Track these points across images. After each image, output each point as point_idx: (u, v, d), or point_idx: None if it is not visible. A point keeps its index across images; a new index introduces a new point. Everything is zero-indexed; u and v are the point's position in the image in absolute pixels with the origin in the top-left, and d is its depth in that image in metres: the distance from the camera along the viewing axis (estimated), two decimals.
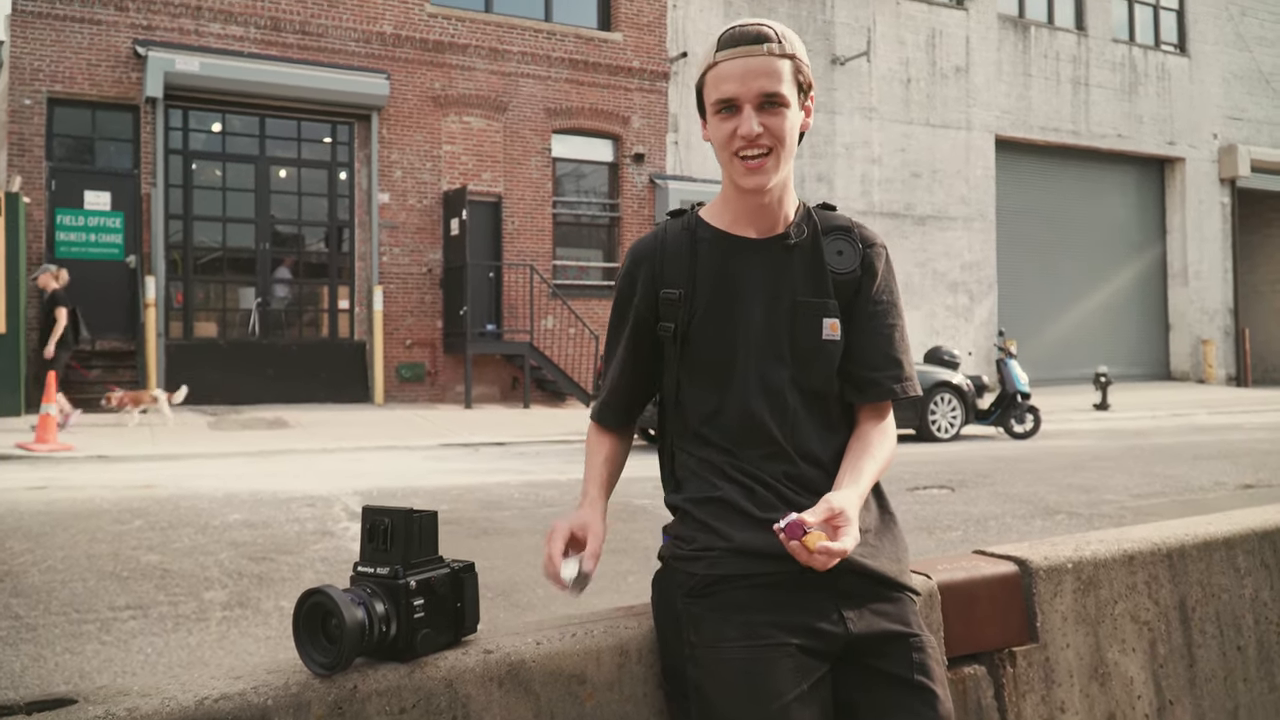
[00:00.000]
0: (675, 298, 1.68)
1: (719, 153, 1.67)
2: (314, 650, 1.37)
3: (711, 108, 1.65)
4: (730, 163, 1.65)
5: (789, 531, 1.45)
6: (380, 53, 15.37)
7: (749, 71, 1.60)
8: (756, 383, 1.65)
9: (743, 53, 1.61)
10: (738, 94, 1.60)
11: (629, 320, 1.73)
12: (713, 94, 1.64)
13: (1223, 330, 23.80)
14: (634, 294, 1.72)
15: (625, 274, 1.75)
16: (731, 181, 1.69)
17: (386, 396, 15.23)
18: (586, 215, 17.39)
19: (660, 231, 1.76)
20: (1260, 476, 8.75)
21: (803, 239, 1.71)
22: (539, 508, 7.15)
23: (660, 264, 1.71)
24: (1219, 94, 23.69)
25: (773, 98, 1.61)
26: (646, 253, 1.73)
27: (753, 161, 1.62)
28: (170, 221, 14.41)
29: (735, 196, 1.71)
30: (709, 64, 1.65)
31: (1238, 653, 2.25)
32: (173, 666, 3.81)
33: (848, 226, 1.76)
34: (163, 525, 6.29)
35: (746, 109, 1.60)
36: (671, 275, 1.69)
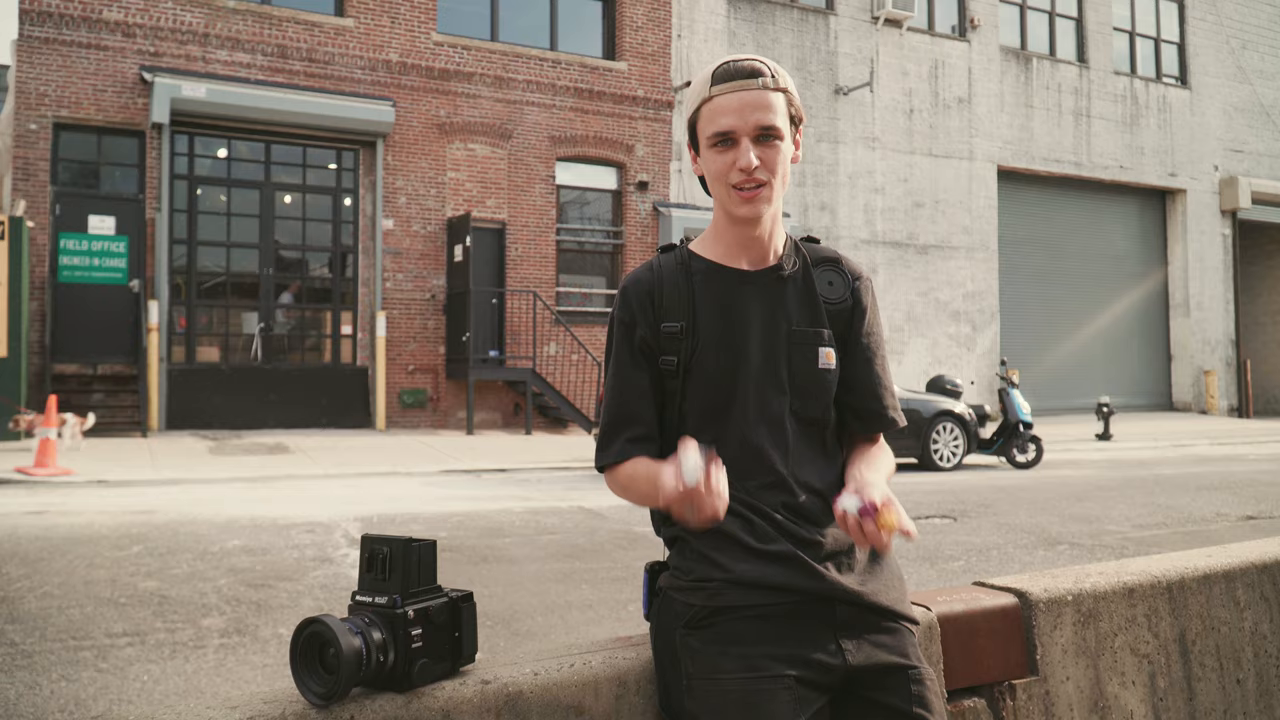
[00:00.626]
0: (676, 331, 1.68)
1: (714, 185, 1.69)
2: (311, 680, 1.37)
3: (707, 140, 1.66)
4: (727, 194, 1.66)
5: (864, 512, 1.44)
6: (386, 80, 15.48)
7: (745, 105, 1.62)
8: (757, 413, 1.66)
9: (738, 86, 1.63)
10: (735, 127, 1.63)
11: (639, 352, 1.70)
12: (709, 127, 1.65)
13: (1224, 361, 23.79)
14: (636, 326, 1.70)
15: (624, 307, 1.73)
16: (725, 212, 1.70)
17: (388, 422, 15.22)
18: (590, 242, 17.45)
19: (655, 265, 1.75)
20: (1262, 508, 8.72)
21: (795, 270, 1.74)
22: (540, 535, 7.13)
23: (659, 298, 1.70)
24: (1220, 126, 23.80)
25: (769, 131, 1.63)
26: (644, 287, 1.72)
27: (749, 192, 1.64)
28: (174, 246, 14.48)
29: (728, 228, 1.72)
30: (704, 98, 1.66)
31: (1237, 686, 2.24)
32: (169, 694, 3.79)
33: (835, 258, 1.80)
34: (161, 551, 6.27)
35: (744, 142, 1.63)
36: (671, 309, 1.69)
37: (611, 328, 1.75)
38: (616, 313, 1.74)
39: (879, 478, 1.63)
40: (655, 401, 1.70)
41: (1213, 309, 23.64)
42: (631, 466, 1.68)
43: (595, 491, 9.68)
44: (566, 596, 5.30)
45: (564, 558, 6.33)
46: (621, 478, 1.69)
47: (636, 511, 8.18)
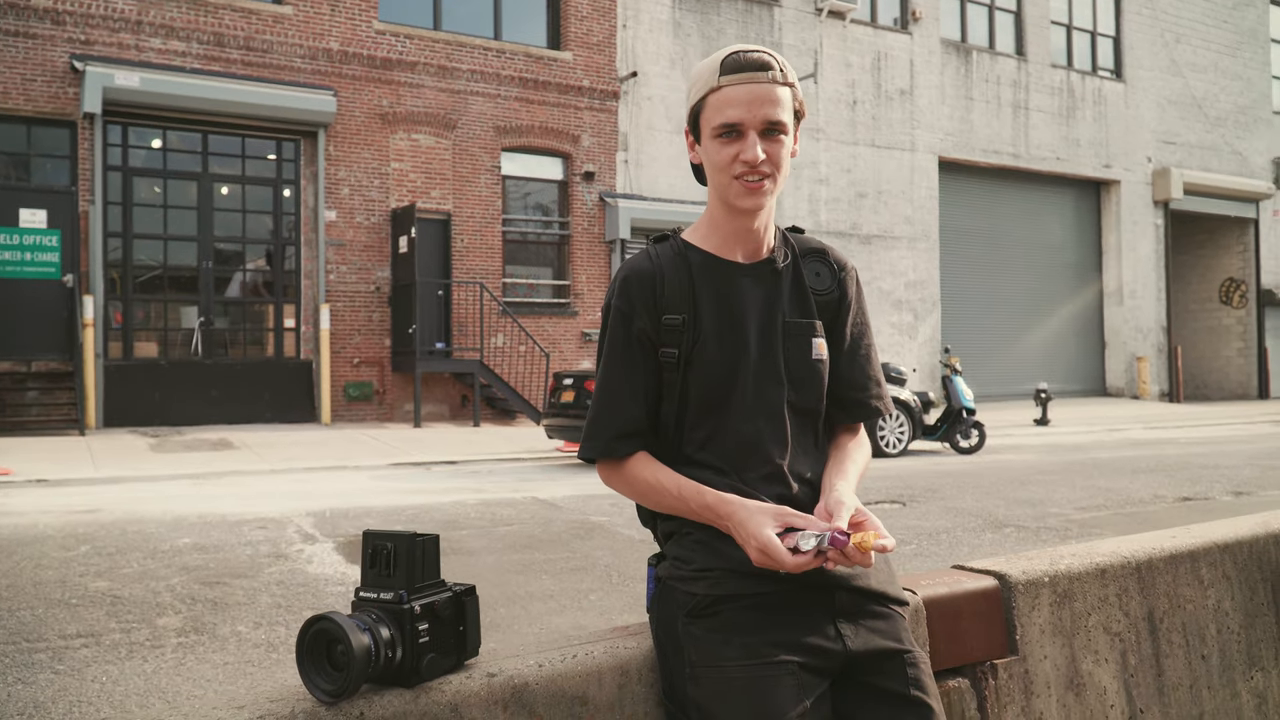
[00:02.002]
0: (678, 323, 1.68)
1: (715, 175, 1.68)
2: (319, 677, 1.36)
3: (713, 130, 1.65)
4: (729, 185, 1.66)
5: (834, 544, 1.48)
6: (327, 69, 15.25)
7: (755, 98, 1.62)
8: (755, 404, 1.68)
9: (748, 79, 1.62)
10: (743, 119, 1.62)
11: (632, 343, 1.69)
12: (715, 118, 1.64)
13: (1156, 348, 24.45)
14: (635, 317, 1.68)
15: (623, 296, 1.70)
16: (724, 203, 1.70)
17: (334, 416, 15.04)
18: (536, 233, 17.39)
19: (653, 255, 1.74)
20: (1197, 490, 8.99)
21: (787, 262, 1.76)
22: (496, 526, 7.11)
23: (660, 289, 1.69)
24: (1153, 118, 24.42)
25: (776, 125, 1.64)
26: (645, 275, 1.70)
27: (753, 184, 1.64)
28: (109, 239, 14.13)
29: (725, 219, 1.72)
30: (711, 87, 1.65)
31: (1202, 661, 2.32)
32: (129, 695, 3.72)
33: (822, 249, 1.83)
34: (110, 551, 6.14)
35: (751, 135, 1.63)
36: (673, 301, 1.68)
37: (607, 317, 1.73)
38: (615, 302, 1.71)
39: (848, 487, 1.65)
40: (650, 394, 1.69)
41: (1145, 297, 24.27)
42: (651, 472, 1.67)
43: (548, 482, 9.67)
44: (527, 587, 5.29)
45: (522, 549, 6.32)
46: (635, 479, 1.69)
47: (591, 501, 8.19)
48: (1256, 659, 2.39)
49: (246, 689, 3.76)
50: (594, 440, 1.70)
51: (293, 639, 4.36)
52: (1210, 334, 26.86)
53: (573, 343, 17.05)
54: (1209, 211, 25.51)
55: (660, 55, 17.92)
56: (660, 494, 1.65)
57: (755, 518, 1.53)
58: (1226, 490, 8.92)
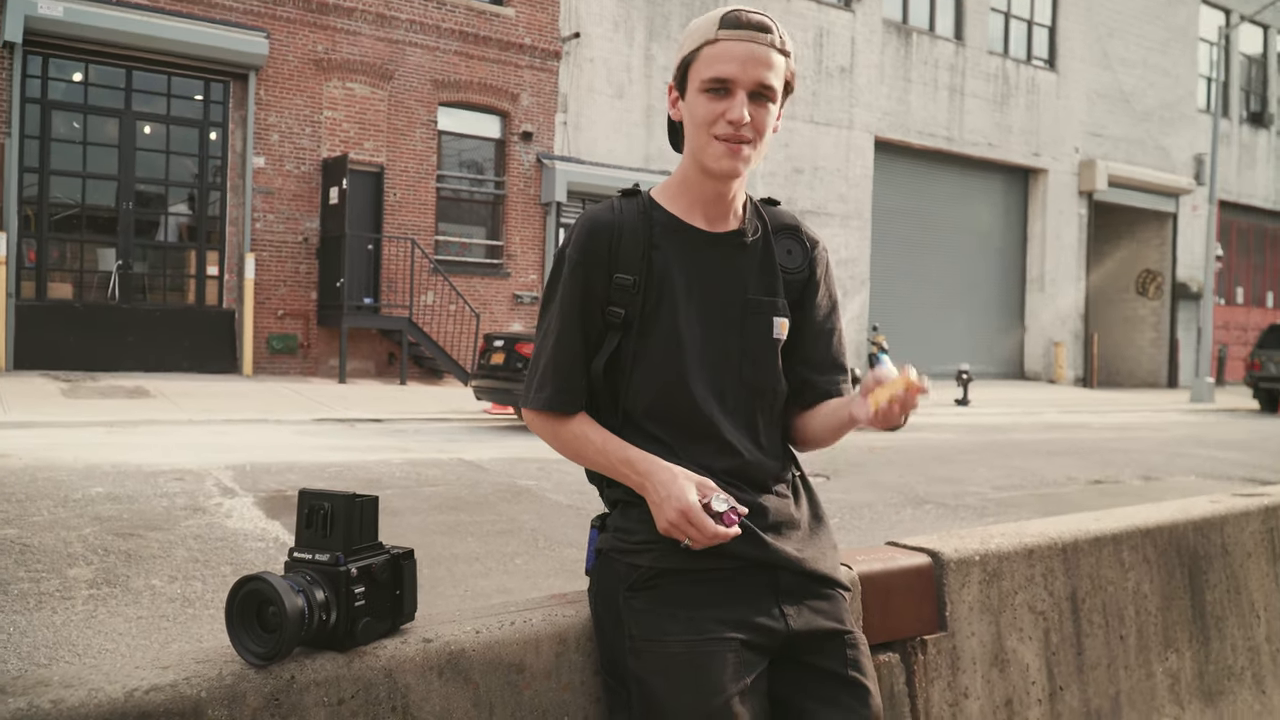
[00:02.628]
0: (629, 284, 1.63)
1: (696, 132, 1.62)
2: (249, 639, 1.32)
3: (701, 84, 1.59)
4: (708, 144, 1.61)
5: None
6: (260, 9, 14.76)
7: (751, 58, 1.57)
8: (709, 378, 1.65)
9: (748, 37, 1.58)
10: (735, 76, 1.57)
11: (582, 296, 1.63)
12: (706, 71, 1.59)
13: (1073, 334, 25.13)
14: (588, 269, 1.63)
15: (580, 246, 1.64)
16: (699, 164, 1.64)
17: (256, 368, 14.71)
18: (470, 191, 17.14)
19: (616, 209, 1.67)
20: (1108, 473, 9.29)
21: (756, 237, 1.72)
22: (421, 487, 7.03)
23: (617, 245, 1.64)
24: (1083, 110, 24.92)
25: (766, 90, 1.59)
26: (603, 230, 1.64)
27: (734, 145, 1.59)
28: (25, 175, 13.55)
29: (697, 180, 1.67)
30: (708, 39, 1.59)
31: (1120, 642, 2.39)
32: (37, 647, 3.60)
33: (795, 225, 1.79)
34: (19, 498, 5.93)
35: (740, 94, 1.58)
36: (627, 260, 1.63)
37: (559, 264, 1.67)
38: (570, 251, 1.65)
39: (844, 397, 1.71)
40: (593, 350, 1.65)
41: (1065, 284, 24.88)
42: (581, 427, 1.65)
43: (475, 444, 9.60)
44: (452, 549, 5.25)
45: (447, 510, 6.26)
46: (566, 434, 1.66)
47: (519, 465, 8.15)
48: (1172, 640, 2.47)
49: (168, 649, 3.67)
50: (538, 391, 1.65)
51: (209, 594, 4.26)
52: (1126, 323, 27.69)
53: (504, 304, 16.89)
54: (1131, 204, 26.20)
55: (604, 17, 17.71)
56: (584, 445, 1.63)
57: (680, 480, 1.52)
58: (1136, 474, 9.23)
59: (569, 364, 1.64)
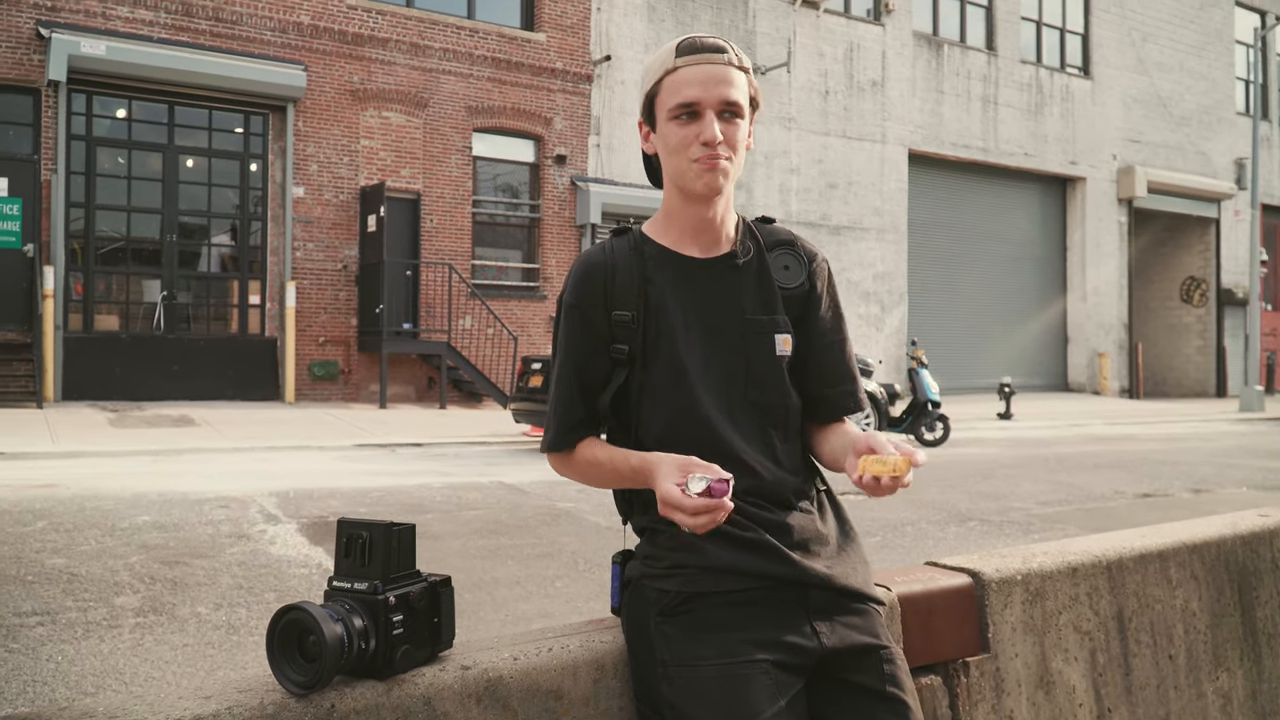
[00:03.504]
0: (627, 319, 1.66)
1: (672, 159, 1.65)
2: (290, 668, 1.33)
3: (670, 113, 1.62)
4: (686, 168, 1.63)
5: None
6: (297, 43, 15.02)
7: (711, 78, 1.60)
8: (713, 402, 1.65)
9: (705, 59, 1.61)
10: (700, 99, 1.60)
11: (581, 338, 1.68)
12: (671, 99, 1.62)
13: (1117, 344, 24.77)
14: (584, 310, 1.67)
15: (576, 288, 1.69)
16: (681, 190, 1.67)
17: (298, 395, 14.88)
18: (506, 215, 17.27)
19: (607, 249, 1.71)
20: (1156, 486, 9.12)
21: (750, 257, 1.72)
22: (462, 511, 7.07)
23: (611, 283, 1.67)
24: (1119, 116, 24.66)
25: (732, 106, 1.62)
26: (597, 269, 1.68)
27: (710, 162, 1.61)
28: (71, 209, 13.86)
29: (681, 209, 1.69)
30: (667, 69, 1.63)
31: (1169, 661, 2.34)
32: (85, 676, 3.65)
33: (790, 240, 1.78)
34: (67, 527, 6.04)
35: (709, 114, 1.60)
36: (622, 296, 1.66)
37: (560, 311, 1.72)
38: (566, 296, 1.70)
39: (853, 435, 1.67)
40: (598, 389, 1.69)
41: (1108, 294, 24.56)
42: (593, 447, 1.69)
43: (515, 467, 9.63)
44: (493, 573, 5.26)
45: (488, 534, 6.28)
46: (579, 458, 1.70)
47: (558, 487, 8.16)
48: (1222, 659, 2.42)
49: (212, 676, 3.71)
50: (546, 434, 1.72)
51: (254, 621, 4.31)
52: (1170, 332, 27.25)
53: (541, 326, 16.98)
54: (1172, 210, 25.84)
55: (634, 39, 17.83)
56: (599, 469, 1.67)
57: (663, 468, 1.52)
58: (1185, 487, 9.06)
59: (569, 404, 1.69)
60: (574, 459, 1.71)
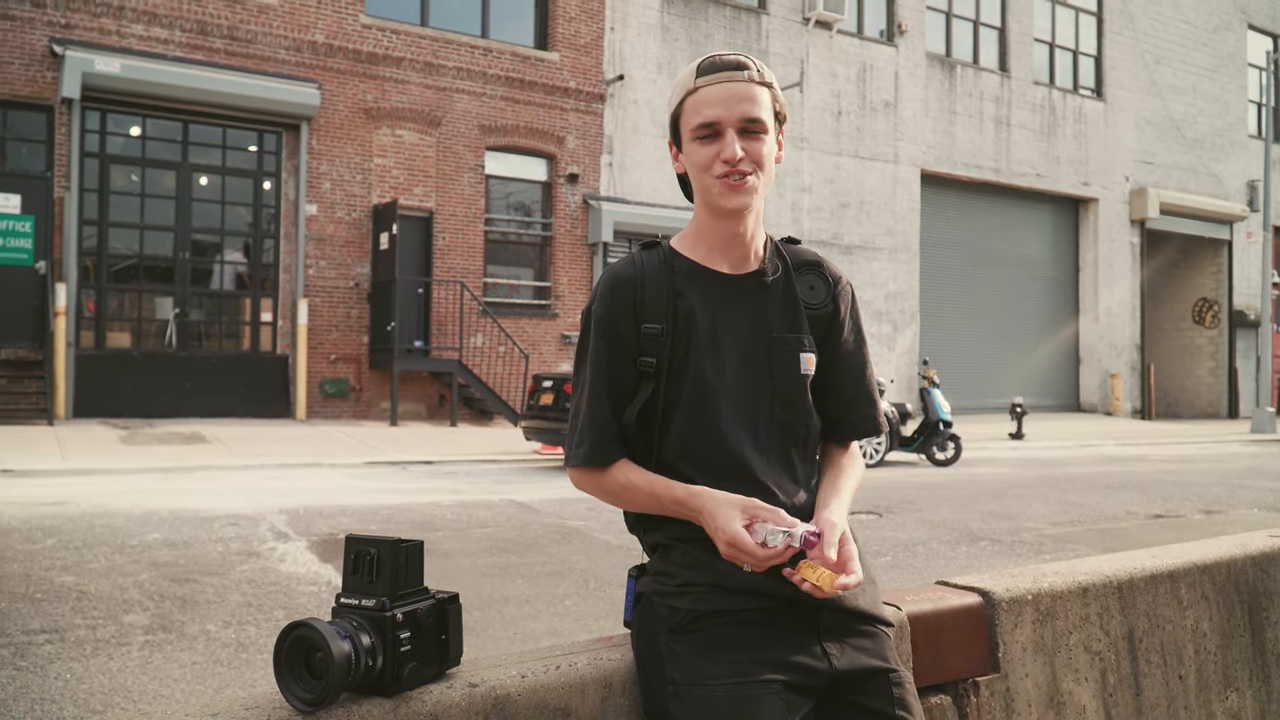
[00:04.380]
0: (657, 333, 1.65)
1: (698, 178, 1.66)
2: (297, 685, 1.33)
3: (692, 133, 1.64)
4: (711, 186, 1.64)
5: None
6: (311, 62, 15.14)
7: (731, 96, 1.62)
8: (737, 418, 1.66)
9: (725, 78, 1.63)
10: (720, 118, 1.62)
11: (611, 350, 1.67)
12: (693, 119, 1.64)
13: (1129, 365, 24.67)
14: (613, 323, 1.66)
15: (605, 299, 1.68)
16: (709, 208, 1.68)
17: (309, 412, 14.92)
18: (518, 233, 17.33)
19: (636, 262, 1.71)
20: (1168, 506, 9.06)
21: (778, 275, 1.74)
22: (472, 528, 7.06)
23: (640, 295, 1.67)
24: (1132, 138, 24.64)
25: (754, 123, 1.63)
26: (626, 281, 1.68)
27: (735, 181, 1.62)
28: (84, 227, 13.95)
29: (711, 225, 1.70)
30: (689, 90, 1.65)
31: (1179, 682, 2.32)
32: (93, 694, 3.66)
33: (816, 262, 1.80)
34: (77, 545, 6.05)
35: (729, 133, 1.62)
36: (652, 310, 1.66)
37: (587, 322, 1.71)
38: (595, 308, 1.69)
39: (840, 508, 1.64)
40: (627, 401, 1.67)
41: (1120, 315, 24.48)
42: (625, 475, 1.66)
43: (525, 484, 9.63)
44: (503, 591, 5.26)
45: (498, 552, 6.28)
46: (610, 484, 1.67)
47: (568, 505, 8.16)
48: (1232, 680, 2.40)
49: (220, 694, 3.71)
50: (577, 448, 1.69)
51: (263, 639, 4.31)
52: (1183, 353, 27.13)
53: (553, 344, 17.00)
54: (1184, 232, 25.78)
55: (647, 59, 17.92)
56: (633, 493, 1.65)
57: (724, 510, 1.52)
58: (1197, 508, 8.99)
59: (603, 418, 1.67)
60: (606, 478, 1.67)
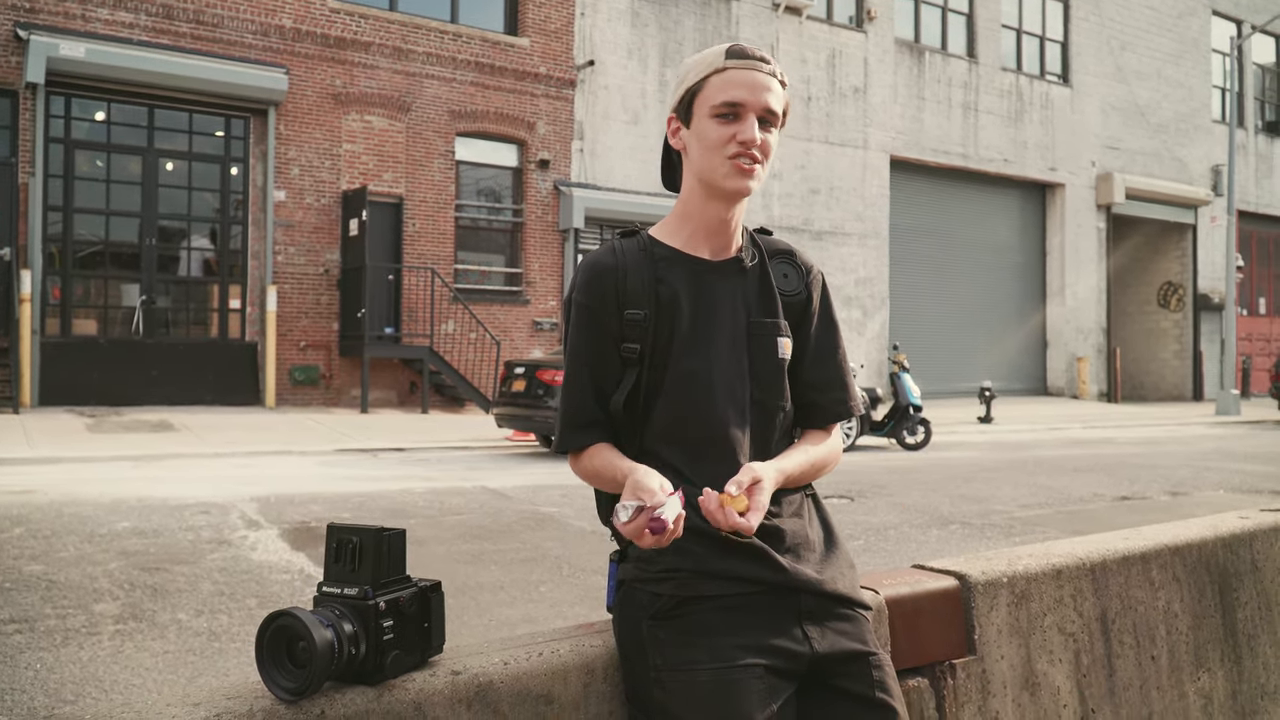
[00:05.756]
0: (639, 318, 1.67)
1: (707, 155, 1.67)
2: (279, 674, 1.32)
3: (712, 109, 1.66)
4: (719, 165, 1.66)
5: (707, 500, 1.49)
6: (279, 46, 14.96)
7: (758, 84, 1.66)
8: (722, 402, 1.67)
9: (752, 66, 1.67)
10: (746, 100, 1.65)
11: (592, 338, 1.69)
12: (717, 96, 1.66)
13: (1096, 348, 24.95)
14: (599, 309, 1.68)
15: (586, 288, 1.69)
16: (708, 188, 1.69)
17: (279, 399, 14.80)
18: (489, 220, 17.24)
19: (616, 249, 1.73)
20: (1134, 489, 9.19)
21: (754, 262, 1.76)
22: (445, 516, 7.04)
23: (623, 282, 1.68)
24: (1098, 123, 24.86)
25: (771, 115, 1.68)
26: (608, 269, 1.70)
27: (746, 165, 1.65)
28: (49, 213, 13.74)
29: (700, 208, 1.72)
30: (716, 68, 1.67)
31: (1151, 662, 2.36)
32: (64, 683, 3.62)
33: (789, 251, 1.83)
34: (45, 534, 5.98)
35: (751, 117, 1.65)
36: (634, 296, 1.68)
37: (569, 310, 1.72)
38: (576, 295, 1.71)
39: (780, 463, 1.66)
40: (609, 387, 1.69)
41: (1086, 299, 24.74)
42: (597, 455, 1.68)
43: (498, 471, 9.61)
44: (477, 578, 5.25)
45: (471, 539, 6.27)
46: (586, 464, 1.70)
47: (541, 492, 8.16)
48: (1204, 660, 2.44)
49: (196, 683, 3.68)
50: (560, 434, 1.72)
51: (235, 627, 4.28)
52: (1148, 336, 27.48)
53: (524, 331, 16.95)
54: (1150, 216, 26.05)
55: (618, 45, 17.85)
56: (599, 478, 1.68)
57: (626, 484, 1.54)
58: (1163, 490, 9.13)
59: (577, 405, 1.70)
60: (579, 464, 1.72)
